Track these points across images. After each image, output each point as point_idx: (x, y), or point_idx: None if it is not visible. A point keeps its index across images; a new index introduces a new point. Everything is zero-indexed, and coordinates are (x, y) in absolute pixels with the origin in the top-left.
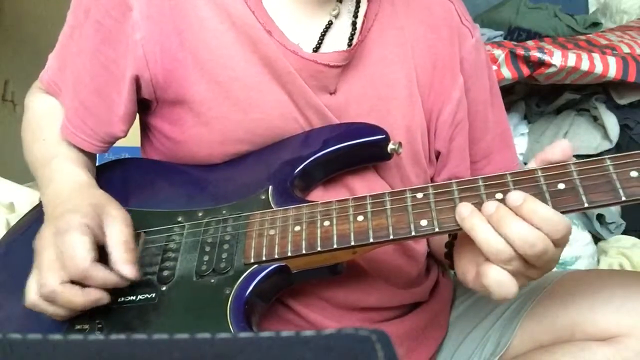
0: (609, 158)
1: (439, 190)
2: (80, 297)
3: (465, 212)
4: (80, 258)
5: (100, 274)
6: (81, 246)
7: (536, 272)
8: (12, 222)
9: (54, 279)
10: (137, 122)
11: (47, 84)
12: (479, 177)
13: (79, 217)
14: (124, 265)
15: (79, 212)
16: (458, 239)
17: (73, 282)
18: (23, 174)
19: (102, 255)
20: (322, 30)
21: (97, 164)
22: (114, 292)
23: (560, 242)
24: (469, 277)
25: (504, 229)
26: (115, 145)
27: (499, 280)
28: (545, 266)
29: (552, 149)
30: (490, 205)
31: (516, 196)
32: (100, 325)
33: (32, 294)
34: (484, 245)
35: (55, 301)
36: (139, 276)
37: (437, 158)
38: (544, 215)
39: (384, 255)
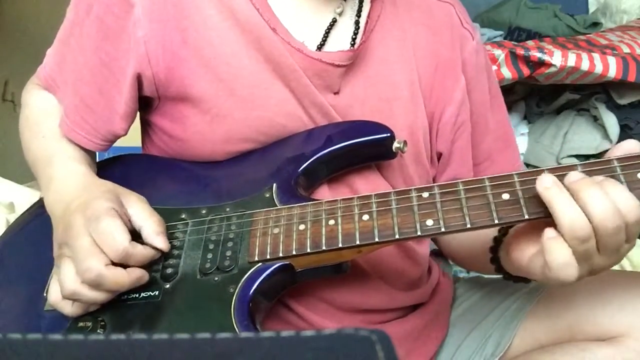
0: (616, 159)
1: (445, 190)
2: (127, 276)
3: (548, 183)
4: (120, 239)
5: (140, 250)
6: (117, 229)
7: (602, 261)
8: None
9: (99, 262)
10: (137, 121)
11: (44, 80)
12: (485, 177)
13: (104, 202)
14: (158, 237)
15: (102, 197)
16: (513, 229)
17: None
18: (23, 174)
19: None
20: (326, 28)
21: (97, 161)
22: None
23: (634, 230)
24: (525, 258)
25: (584, 196)
26: (114, 145)
27: (564, 262)
28: (612, 257)
29: (616, 148)
30: (573, 175)
31: (597, 176)
32: (103, 323)
33: (71, 283)
34: (563, 219)
35: (101, 285)
36: (170, 247)
37: (438, 159)
38: (622, 192)
39: (386, 258)
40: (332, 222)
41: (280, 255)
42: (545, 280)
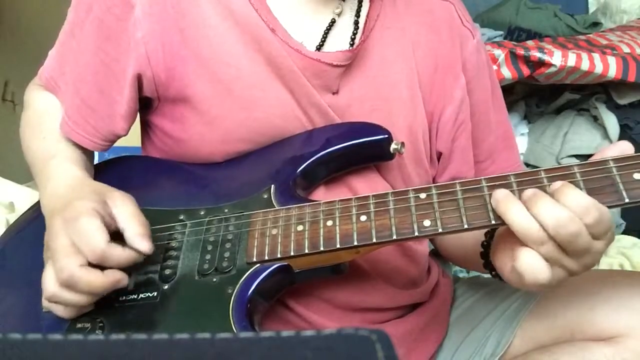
0: (612, 160)
1: (443, 191)
2: (101, 278)
3: (500, 196)
4: (96, 240)
5: (119, 251)
6: (95, 229)
7: (574, 263)
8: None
9: (72, 262)
10: (137, 121)
11: (45, 80)
12: (482, 177)
13: (86, 202)
14: (140, 239)
15: (85, 198)
16: (496, 236)
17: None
18: (23, 174)
19: (113, 238)
20: (325, 29)
21: (96, 163)
22: (116, 290)
23: (596, 231)
24: (506, 269)
25: (536, 208)
26: (114, 145)
27: (532, 263)
28: (583, 257)
29: (608, 149)
30: (528, 191)
31: (557, 182)
32: (101, 324)
33: (51, 285)
34: (516, 225)
35: (75, 286)
36: (153, 249)
37: (438, 159)
38: (575, 197)
39: (385, 256)
40: (330, 222)
41: (279, 256)
42: (525, 288)
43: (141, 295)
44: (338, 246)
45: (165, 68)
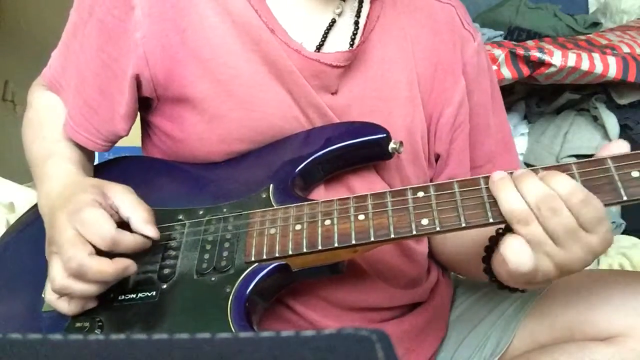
0: (610, 158)
1: (440, 190)
2: (111, 265)
3: (497, 177)
4: (105, 227)
5: (128, 237)
6: (102, 217)
7: (561, 252)
8: (12, 222)
9: (81, 252)
10: (137, 121)
11: (49, 81)
12: (480, 176)
13: (86, 195)
14: (147, 225)
15: (85, 192)
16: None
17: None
18: (23, 174)
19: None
20: (325, 29)
21: (96, 163)
22: (114, 289)
23: (584, 216)
24: (503, 271)
25: (522, 185)
26: (114, 145)
27: (515, 248)
28: (571, 247)
29: (606, 149)
30: (517, 171)
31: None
32: (100, 324)
33: (59, 277)
34: (503, 203)
35: (85, 275)
36: (160, 234)
37: (436, 161)
38: (561, 178)
39: (384, 256)
40: (328, 222)
41: (277, 255)
42: (512, 280)
43: (140, 295)
44: (336, 245)
45: (163, 69)
